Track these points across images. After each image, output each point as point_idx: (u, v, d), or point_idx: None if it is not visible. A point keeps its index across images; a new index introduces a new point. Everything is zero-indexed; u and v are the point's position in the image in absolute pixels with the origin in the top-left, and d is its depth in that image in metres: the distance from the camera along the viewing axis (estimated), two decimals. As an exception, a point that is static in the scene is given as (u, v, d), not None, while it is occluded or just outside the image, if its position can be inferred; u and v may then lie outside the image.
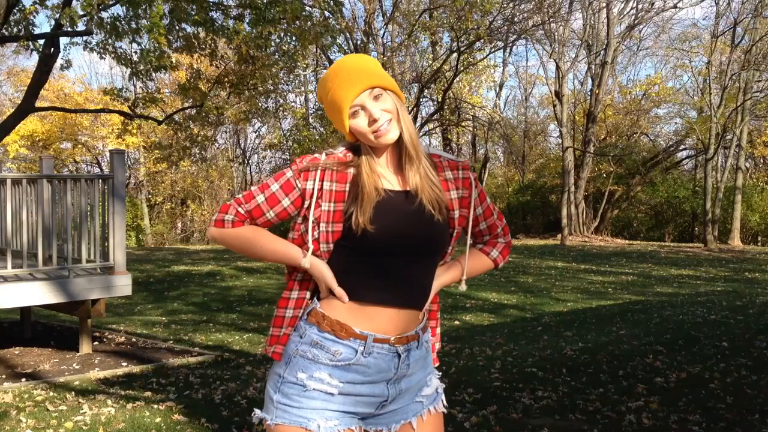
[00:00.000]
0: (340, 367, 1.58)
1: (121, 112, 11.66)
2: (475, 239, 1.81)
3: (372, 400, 1.63)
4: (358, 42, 20.89)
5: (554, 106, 25.87)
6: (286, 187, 1.61)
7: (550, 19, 21.27)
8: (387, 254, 1.58)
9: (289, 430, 1.57)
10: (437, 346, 1.82)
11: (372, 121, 1.58)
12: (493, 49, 21.46)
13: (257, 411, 1.65)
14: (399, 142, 1.64)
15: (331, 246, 1.60)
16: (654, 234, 27.36)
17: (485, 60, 22.01)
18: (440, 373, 1.80)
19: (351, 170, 1.62)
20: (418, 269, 1.63)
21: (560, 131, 25.34)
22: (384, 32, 22.05)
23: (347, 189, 1.60)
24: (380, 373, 1.61)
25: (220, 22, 9.35)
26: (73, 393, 4.85)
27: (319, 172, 1.60)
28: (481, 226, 1.77)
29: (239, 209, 1.62)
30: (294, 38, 10.21)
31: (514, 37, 21.00)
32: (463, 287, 1.77)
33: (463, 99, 23.29)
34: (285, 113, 24.36)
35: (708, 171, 22.40)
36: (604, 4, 25.35)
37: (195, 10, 8.89)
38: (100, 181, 6.30)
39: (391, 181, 1.64)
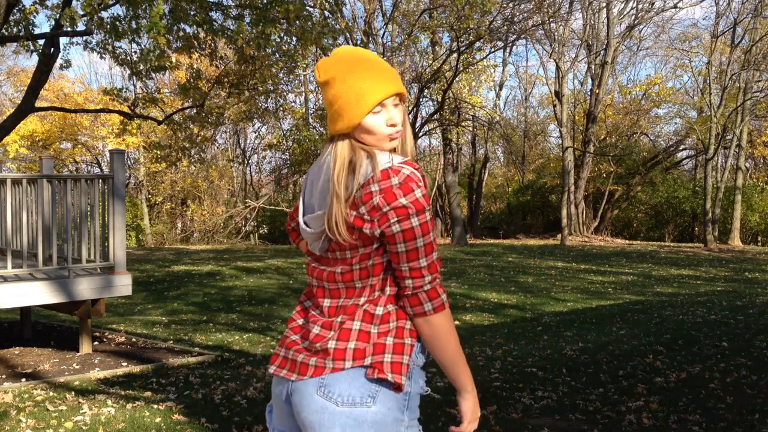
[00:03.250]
0: None
1: (120, 112, 11.64)
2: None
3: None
4: (358, 42, 20.88)
5: (554, 106, 25.86)
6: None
7: (550, 19, 21.26)
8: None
9: None
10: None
11: (391, 125, 1.57)
12: (493, 49, 21.46)
13: None
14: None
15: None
16: (654, 234, 27.36)
17: (485, 60, 21.99)
18: None
19: None
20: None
21: (560, 131, 25.32)
22: (384, 32, 22.05)
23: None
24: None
25: (220, 22, 9.35)
26: (73, 393, 4.85)
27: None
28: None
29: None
30: (294, 38, 10.21)
31: (514, 37, 20.99)
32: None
33: (463, 99, 23.25)
34: (285, 113, 24.35)
35: (708, 171, 22.40)
36: (604, 4, 25.36)
37: (195, 10, 8.89)
38: (100, 181, 6.30)
39: None
